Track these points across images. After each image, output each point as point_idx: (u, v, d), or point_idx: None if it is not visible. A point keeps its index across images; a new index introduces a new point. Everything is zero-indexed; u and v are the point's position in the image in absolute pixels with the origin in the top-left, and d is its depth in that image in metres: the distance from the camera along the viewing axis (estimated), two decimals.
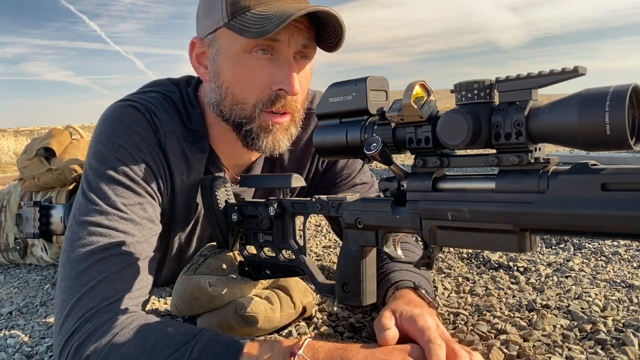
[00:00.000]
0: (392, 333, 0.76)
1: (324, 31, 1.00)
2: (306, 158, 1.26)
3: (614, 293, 1.17)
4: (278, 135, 1.03)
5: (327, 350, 0.72)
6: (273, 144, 1.03)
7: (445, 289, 1.27)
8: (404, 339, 0.77)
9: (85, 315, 0.81)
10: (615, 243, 1.60)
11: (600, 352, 0.88)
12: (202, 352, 0.73)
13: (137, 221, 0.93)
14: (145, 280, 0.90)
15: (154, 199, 1.00)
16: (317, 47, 1.04)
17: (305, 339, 0.73)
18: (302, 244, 0.93)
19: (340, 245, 0.81)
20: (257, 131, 1.02)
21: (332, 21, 0.96)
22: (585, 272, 1.35)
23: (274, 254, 0.98)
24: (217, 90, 1.03)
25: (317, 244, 1.92)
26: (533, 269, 1.39)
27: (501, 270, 1.41)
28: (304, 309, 1.07)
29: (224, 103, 1.03)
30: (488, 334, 0.97)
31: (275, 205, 0.94)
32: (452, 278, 1.36)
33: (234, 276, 1.01)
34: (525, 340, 0.94)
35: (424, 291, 0.93)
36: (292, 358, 0.70)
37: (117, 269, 0.86)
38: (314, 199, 0.88)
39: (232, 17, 0.96)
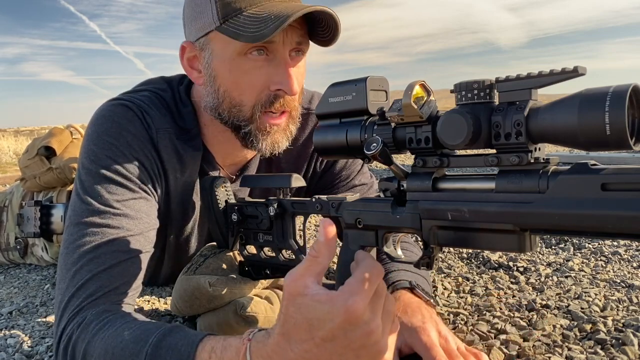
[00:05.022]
0: None
1: (317, 27, 0.99)
2: (303, 158, 1.26)
3: (613, 293, 1.17)
4: (276, 137, 1.03)
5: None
6: (272, 145, 1.04)
7: (445, 288, 1.27)
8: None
9: (70, 315, 0.82)
10: (615, 243, 1.60)
11: (600, 352, 0.88)
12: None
13: (132, 215, 0.93)
14: (135, 274, 0.90)
15: (148, 194, 1.00)
16: (311, 42, 1.03)
17: (257, 330, 0.68)
18: (302, 244, 0.93)
19: (340, 245, 0.81)
20: (256, 133, 1.02)
21: (326, 18, 0.96)
22: (585, 272, 1.35)
23: (274, 254, 0.98)
24: (214, 94, 1.02)
25: None
26: (533, 269, 1.39)
27: (501, 270, 1.41)
28: None
29: (222, 106, 1.02)
30: (488, 334, 0.97)
31: (275, 205, 0.94)
32: (452, 278, 1.36)
33: (234, 276, 1.01)
34: (525, 340, 0.94)
35: (420, 290, 0.94)
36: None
37: (105, 266, 0.86)
38: (313, 199, 0.88)
39: (224, 20, 0.95)
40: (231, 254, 1.06)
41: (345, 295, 0.57)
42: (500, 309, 1.11)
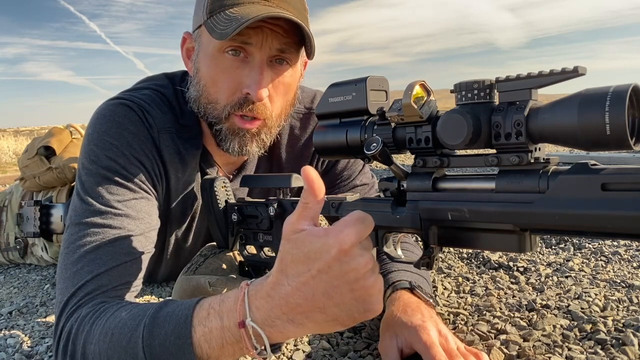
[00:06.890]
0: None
1: (305, 37, 0.96)
2: (305, 158, 1.26)
3: (614, 293, 1.17)
4: (246, 140, 1.02)
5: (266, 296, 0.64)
6: (240, 148, 1.02)
7: (445, 289, 1.27)
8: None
9: (69, 314, 0.81)
10: (615, 243, 1.60)
11: (600, 352, 0.88)
12: (153, 333, 0.69)
13: (133, 216, 0.93)
14: (135, 275, 0.90)
15: (149, 194, 1.00)
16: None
17: (245, 292, 0.65)
18: None
19: None
20: (226, 133, 1.02)
21: (300, 27, 0.93)
22: (585, 272, 1.35)
23: (274, 254, 0.98)
24: (196, 86, 1.03)
25: None
26: (533, 269, 1.39)
27: (501, 270, 1.41)
28: None
29: (200, 100, 1.02)
30: (488, 334, 0.97)
31: (275, 205, 0.94)
32: (452, 278, 1.36)
33: (234, 276, 1.01)
34: (525, 340, 0.94)
35: (420, 291, 0.94)
36: (242, 329, 0.64)
37: (106, 267, 0.86)
38: None
39: (209, 15, 0.96)
40: (231, 254, 1.06)
41: (339, 227, 0.59)
42: (500, 309, 1.11)
